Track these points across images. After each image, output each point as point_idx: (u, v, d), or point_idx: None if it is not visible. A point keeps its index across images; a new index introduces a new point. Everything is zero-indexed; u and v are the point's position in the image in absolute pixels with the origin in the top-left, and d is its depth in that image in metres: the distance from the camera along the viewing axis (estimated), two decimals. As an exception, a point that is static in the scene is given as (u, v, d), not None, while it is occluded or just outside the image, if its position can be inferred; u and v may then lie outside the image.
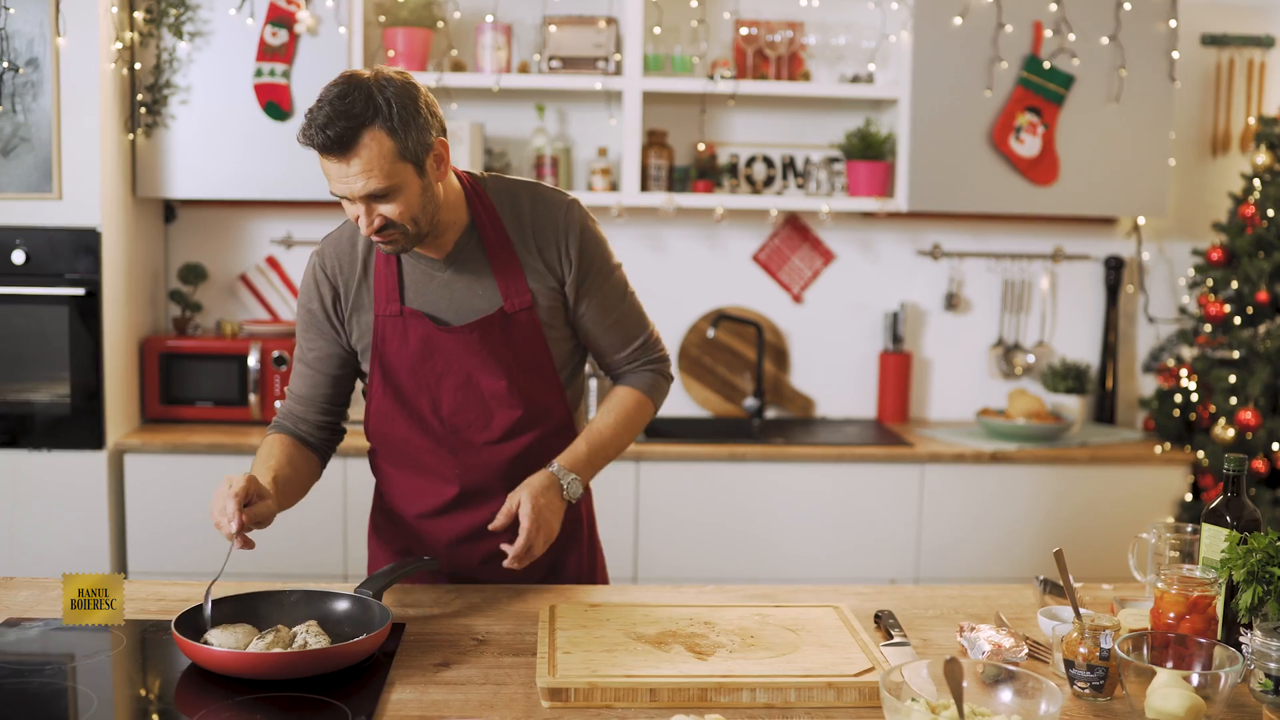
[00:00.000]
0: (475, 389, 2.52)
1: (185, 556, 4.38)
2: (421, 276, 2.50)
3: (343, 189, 2.29)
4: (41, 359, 4.31)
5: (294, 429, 2.64)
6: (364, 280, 2.52)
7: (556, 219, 2.52)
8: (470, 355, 2.49)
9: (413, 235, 2.37)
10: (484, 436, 2.55)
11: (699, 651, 2.12)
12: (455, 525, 2.61)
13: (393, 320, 2.50)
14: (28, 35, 4.15)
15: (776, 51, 4.82)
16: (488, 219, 2.50)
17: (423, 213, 2.36)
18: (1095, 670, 2.02)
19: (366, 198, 2.29)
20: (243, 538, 2.21)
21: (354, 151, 2.25)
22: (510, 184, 2.57)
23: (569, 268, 2.53)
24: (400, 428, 2.57)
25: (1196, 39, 5.07)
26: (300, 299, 2.60)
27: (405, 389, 2.53)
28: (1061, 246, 5.17)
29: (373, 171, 2.26)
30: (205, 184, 4.58)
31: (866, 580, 4.48)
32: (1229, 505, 2.23)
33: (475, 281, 2.50)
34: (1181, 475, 4.71)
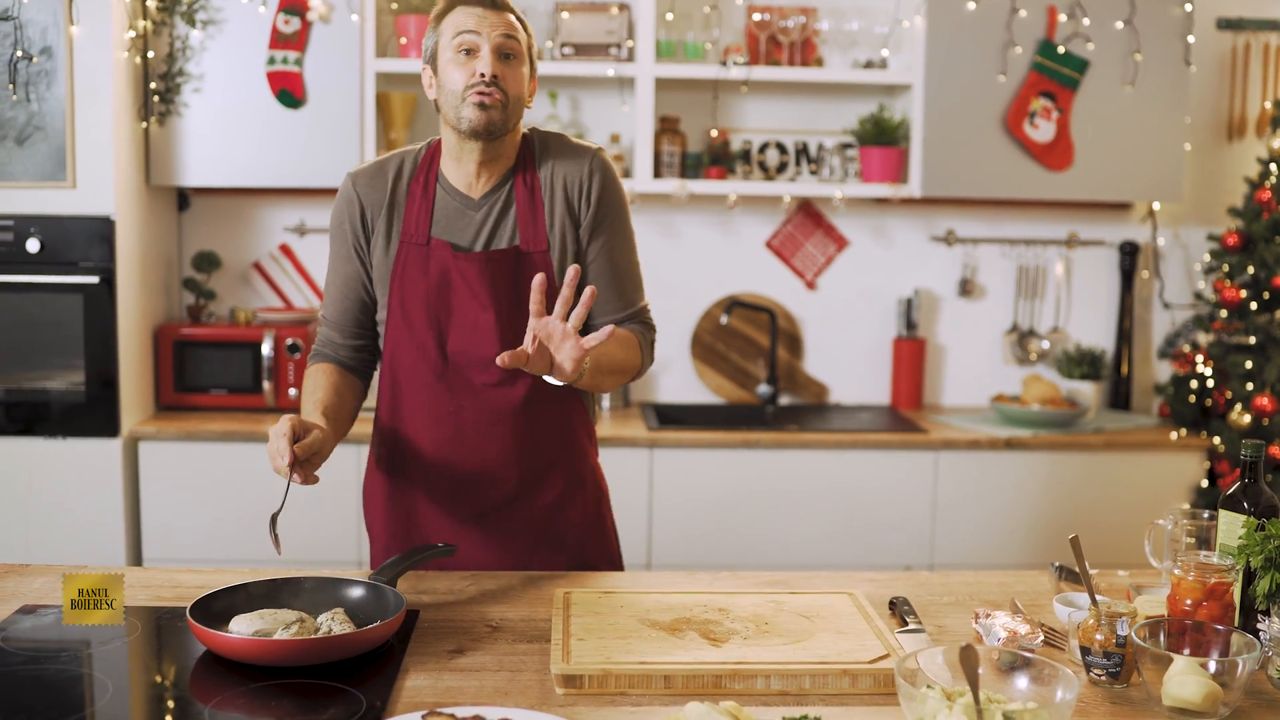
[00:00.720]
0: (482, 329, 2.57)
1: (200, 544, 4.40)
2: (454, 212, 2.61)
3: (488, 28, 2.51)
4: (56, 347, 4.32)
5: (333, 355, 2.73)
6: (390, 211, 2.63)
7: (582, 161, 2.64)
8: (481, 290, 2.56)
9: (505, 108, 2.52)
10: (484, 378, 2.60)
11: (713, 638, 2.12)
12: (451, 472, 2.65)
13: (417, 249, 2.60)
14: (41, 24, 4.16)
15: (789, 37, 4.80)
16: (525, 165, 2.63)
17: (519, 101, 2.55)
18: (1112, 657, 2.01)
19: (500, 44, 2.51)
20: (301, 471, 2.28)
21: (505, 12, 2.55)
22: (545, 133, 2.70)
23: (587, 208, 2.63)
24: (407, 360, 2.63)
25: (1212, 23, 5.04)
26: (331, 219, 2.70)
27: (416, 321, 2.60)
28: (1076, 232, 5.15)
29: (515, 31, 2.54)
30: (219, 172, 4.59)
31: (881, 567, 4.47)
32: (1246, 491, 2.22)
33: (502, 222, 2.61)
34: (1197, 461, 4.69)
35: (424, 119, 4.89)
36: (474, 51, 2.51)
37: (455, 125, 2.54)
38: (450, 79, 2.52)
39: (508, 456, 2.63)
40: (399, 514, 2.71)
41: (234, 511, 4.40)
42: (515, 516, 2.67)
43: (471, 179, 2.61)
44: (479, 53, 2.50)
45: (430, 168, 2.65)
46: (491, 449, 2.63)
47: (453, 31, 2.52)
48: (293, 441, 2.27)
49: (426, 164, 2.66)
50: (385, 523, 2.75)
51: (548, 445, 2.67)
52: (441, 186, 2.63)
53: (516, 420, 2.62)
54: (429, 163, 2.66)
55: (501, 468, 2.64)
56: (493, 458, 2.63)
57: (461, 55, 2.51)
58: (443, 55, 2.55)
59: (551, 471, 2.69)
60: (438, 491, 2.67)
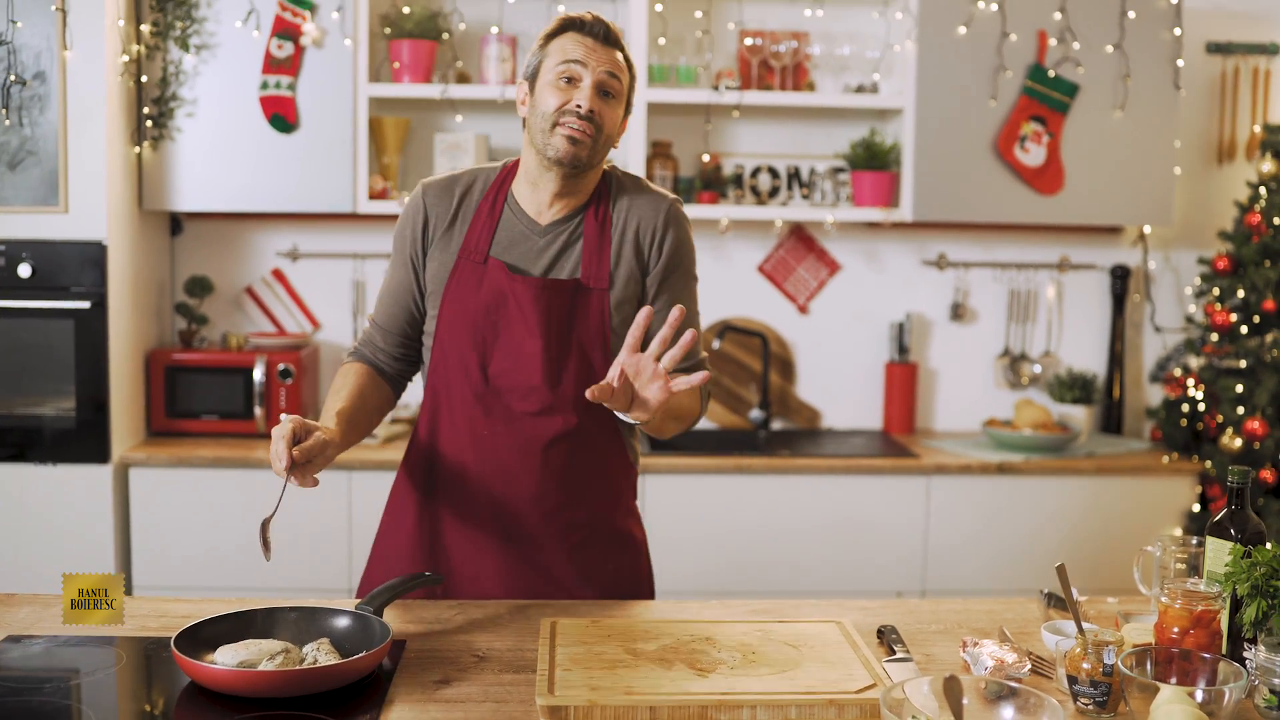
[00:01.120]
0: (527, 356, 2.55)
1: (191, 571, 4.39)
2: (518, 235, 2.60)
3: (594, 62, 2.51)
4: (47, 372, 4.32)
5: (371, 358, 2.72)
6: (453, 224, 2.62)
7: (658, 209, 2.64)
8: (533, 316, 2.54)
9: (594, 144, 2.52)
10: (522, 405, 2.57)
11: (700, 668, 2.11)
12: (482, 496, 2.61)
13: (474, 265, 2.58)
14: (35, 49, 4.17)
15: (781, 62, 4.82)
16: (601, 202, 2.63)
17: (609, 140, 2.55)
18: (1099, 686, 2.00)
19: (603, 81, 2.51)
20: (298, 474, 2.26)
21: (614, 48, 2.55)
22: (624, 174, 2.70)
23: (657, 257, 2.62)
24: (449, 377, 2.60)
25: (1201, 47, 5.07)
26: (397, 224, 2.68)
27: (461, 339, 2.57)
28: (1067, 256, 5.16)
29: (619, 70, 2.55)
30: (211, 197, 4.59)
31: (873, 593, 4.47)
32: (1233, 518, 2.22)
33: (565, 254, 2.59)
34: (1189, 485, 4.69)
35: (416, 144, 4.90)
36: (575, 81, 2.50)
37: (541, 150, 2.53)
38: (545, 102, 2.51)
39: (538, 490, 2.59)
40: (424, 532, 2.67)
41: (225, 538, 4.39)
42: (542, 550, 2.62)
43: (543, 206, 2.60)
44: (580, 84, 2.50)
45: (502, 187, 2.64)
46: (522, 480, 2.59)
47: (559, 56, 2.52)
48: (293, 444, 2.25)
49: (499, 183, 2.64)
50: (408, 539, 2.69)
51: (581, 484, 2.63)
52: (509, 207, 2.62)
53: (550, 454, 2.58)
54: (501, 182, 2.64)
55: (531, 500, 2.59)
56: (522, 489, 2.59)
57: (562, 82, 2.51)
58: (543, 77, 2.54)
59: (582, 511, 2.63)
60: (466, 513, 2.63)
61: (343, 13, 4.53)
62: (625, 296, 2.59)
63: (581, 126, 2.49)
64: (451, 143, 4.71)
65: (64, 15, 4.16)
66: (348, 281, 4.99)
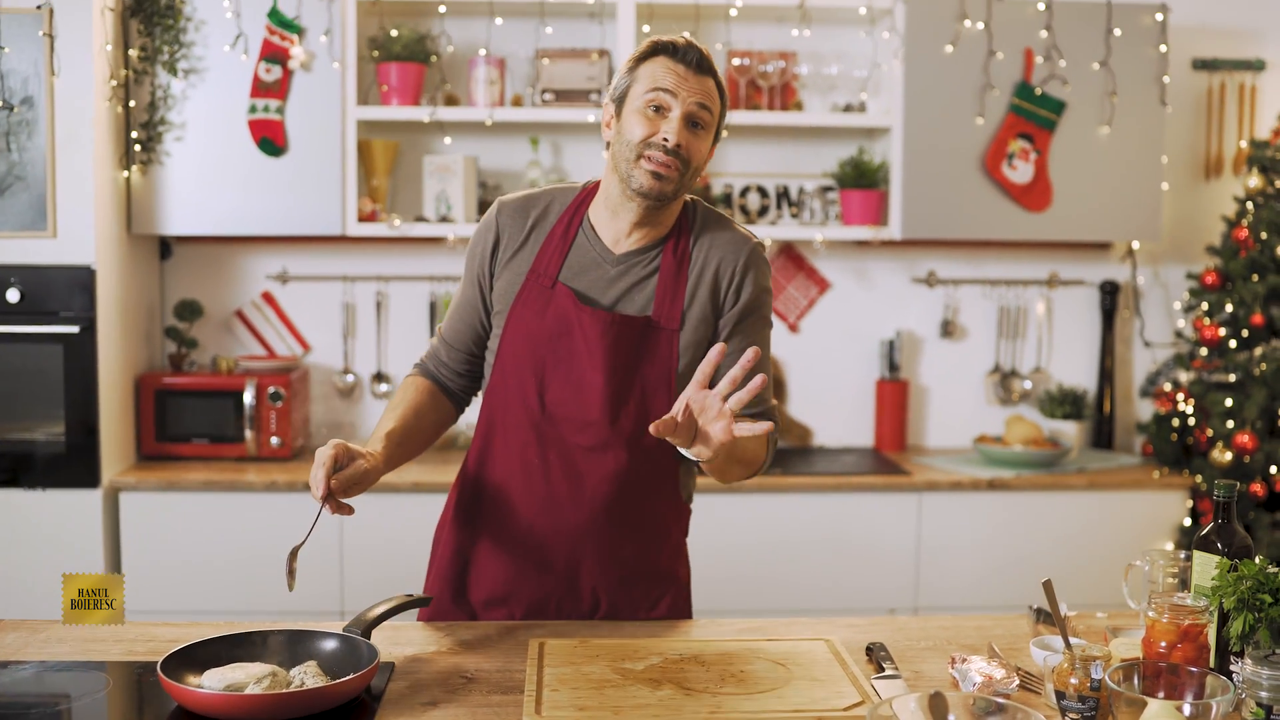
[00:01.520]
0: (587, 388, 2.48)
1: (182, 594, 4.38)
2: (589, 262, 2.53)
3: (685, 92, 2.42)
4: (37, 397, 4.31)
5: (435, 372, 2.68)
6: (523, 247, 2.55)
7: (738, 252, 2.56)
8: (598, 349, 2.47)
9: (680, 180, 2.45)
10: (578, 438, 2.50)
11: (688, 688, 2.11)
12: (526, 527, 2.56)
13: (541, 289, 2.51)
14: (22, 74, 4.17)
15: (769, 82, 4.83)
16: (679, 236, 2.55)
17: (694, 173, 2.48)
18: (1087, 701, 2.00)
19: (692, 113, 2.43)
20: (334, 503, 2.25)
21: (707, 77, 2.45)
22: (707, 209, 2.63)
23: (733, 302, 2.54)
24: (506, 401, 2.54)
25: (1187, 63, 5.09)
26: (470, 240, 2.63)
27: (521, 364, 2.51)
28: (1056, 272, 5.17)
29: (711, 100, 2.46)
30: (200, 220, 4.59)
31: (866, 610, 4.46)
32: (1220, 532, 2.22)
33: (637, 286, 2.52)
34: (1180, 500, 4.70)
35: (405, 166, 4.91)
36: (664, 111, 2.42)
37: (624, 179, 2.45)
38: (631, 130, 2.43)
39: (586, 524, 2.53)
40: (460, 553, 2.63)
41: (216, 562, 4.39)
42: (580, 581, 2.57)
43: (620, 235, 2.52)
44: (669, 114, 2.42)
45: (579, 209, 2.57)
46: (569, 512, 2.52)
47: (649, 83, 2.43)
48: (332, 471, 2.24)
49: (575, 205, 2.57)
50: (442, 560, 2.66)
51: (629, 522, 2.56)
52: (584, 231, 2.54)
53: (601, 489, 2.52)
54: (578, 204, 2.57)
55: (576, 533, 2.53)
56: (568, 520, 2.52)
57: (650, 111, 2.42)
58: (630, 102, 2.45)
59: (627, 549, 2.57)
60: (505, 538, 2.57)
61: (331, 36, 4.54)
62: (696, 339, 2.51)
63: (667, 161, 2.40)
64: (440, 165, 4.71)
65: (51, 41, 4.17)
66: (338, 304, 5.00)
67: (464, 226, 4.69)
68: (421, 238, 4.85)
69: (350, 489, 2.27)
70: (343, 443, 2.29)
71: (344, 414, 5.03)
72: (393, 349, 5.03)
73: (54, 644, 2.39)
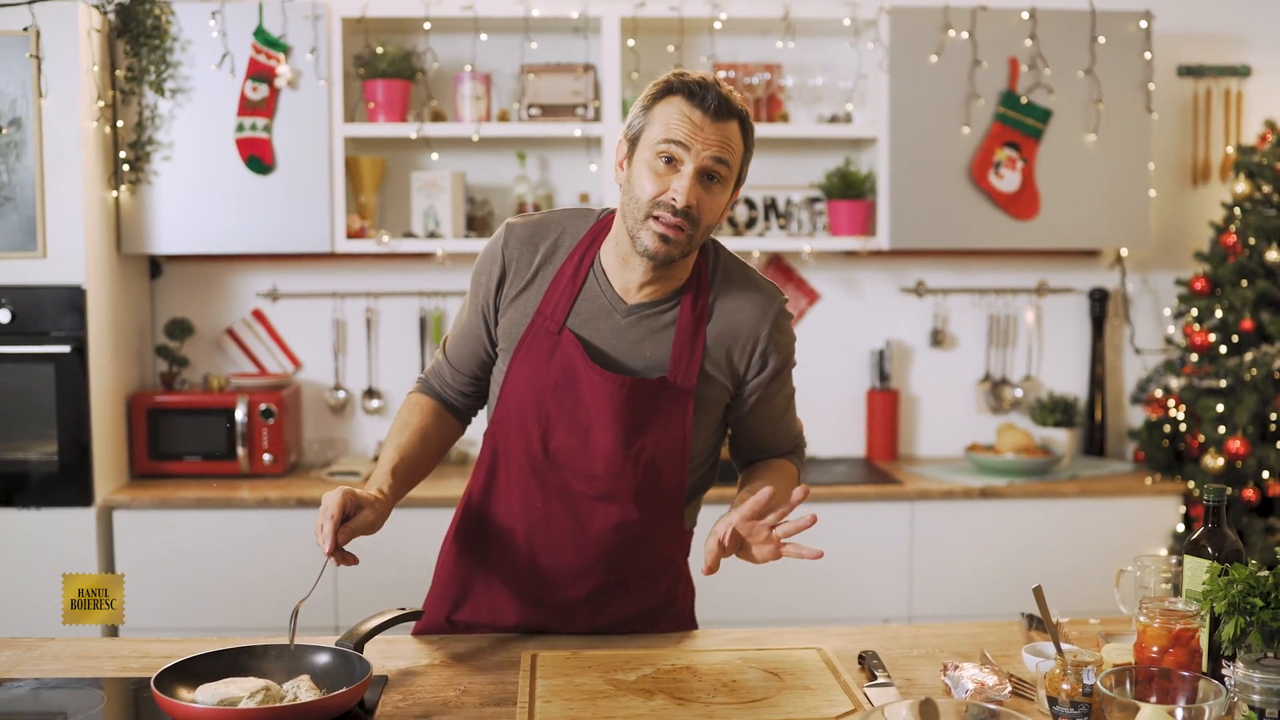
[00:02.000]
0: (595, 443, 2.40)
1: (175, 612, 4.38)
2: (598, 309, 2.40)
3: (699, 144, 2.24)
4: (29, 417, 4.31)
5: (439, 390, 2.60)
6: (530, 284, 2.43)
7: (764, 315, 2.44)
8: (605, 407, 2.37)
9: (692, 241, 2.30)
10: (582, 487, 2.44)
11: (680, 698, 2.11)
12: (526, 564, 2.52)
13: (546, 334, 2.40)
14: (10, 96, 4.18)
15: (755, 94, 4.84)
16: (698, 289, 2.42)
17: (709, 228, 2.33)
18: (1079, 707, 2.01)
19: (707, 167, 2.26)
20: (339, 555, 2.21)
21: (727, 123, 2.27)
22: (732, 260, 2.49)
23: (759, 368, 2.46)
24: (510, 441, 2.47)
25: (1173, 70, 5.10)
26: (477, 262, 2.50)
27: (525, 409, 2.42)
28: (1045, 280, 5.18)
29: (729, 150, 2.28)
30: (190, 239, 4.60)
31: (859, 620, 4.46)
32: (1210, 536, 2.23)
33: (649, 339, 2.40)
34: (1173, 506, 4.70)
35: (393, 183, 4.92)
36: (676, 164, 2.25)
37: (631, 234, 2.31)
38: (641, 185, 2.28)
39: (585, 568, 2.49)
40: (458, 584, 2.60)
41: (209, 578, 4.38)
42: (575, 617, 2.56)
43: (631, 285, 2.39)
44: (681, 168, 2.25)
45: (590, 249, 2.43)
46: (570, 557, 2.47)
47: (661, 131, 2.26)
48: (340, 523, 2.20)
49: (587, 243, 2.43)
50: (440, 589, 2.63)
51: (630, 567, 2.52)
52: (595, 275, 2.41)
53: (606, 537, 2.46)
54: (590, 242, 2.43)
55: (577, 577, 2.50)
56: (570, 565, 2.48)
57: (660, 164, 2.26)
58: (641, 151, 2.29)
59: (627, 592, 2.54)
60: (504, 574, 2.54)
61: (316, 54, 4.55)
62: (712, 398, 2.44)
63: (676, 223, 2.25)
64: (428, 180, 4.72)
65: (39, 62, 4.17)
66: (328, 321, 5.00)
67: (452, 242, 4.69)
68: (410, 254, 4.85)
69: (354, 536, 2.24)
70: (350, 490, 2.24)
71: (336, 430, 5.03)
72: (384, 365, 5.03)
73: (49, 661, 2.39)
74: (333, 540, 2.18)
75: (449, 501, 3.97)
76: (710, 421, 2.49)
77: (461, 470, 4.70)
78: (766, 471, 2.58)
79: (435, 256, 4.81)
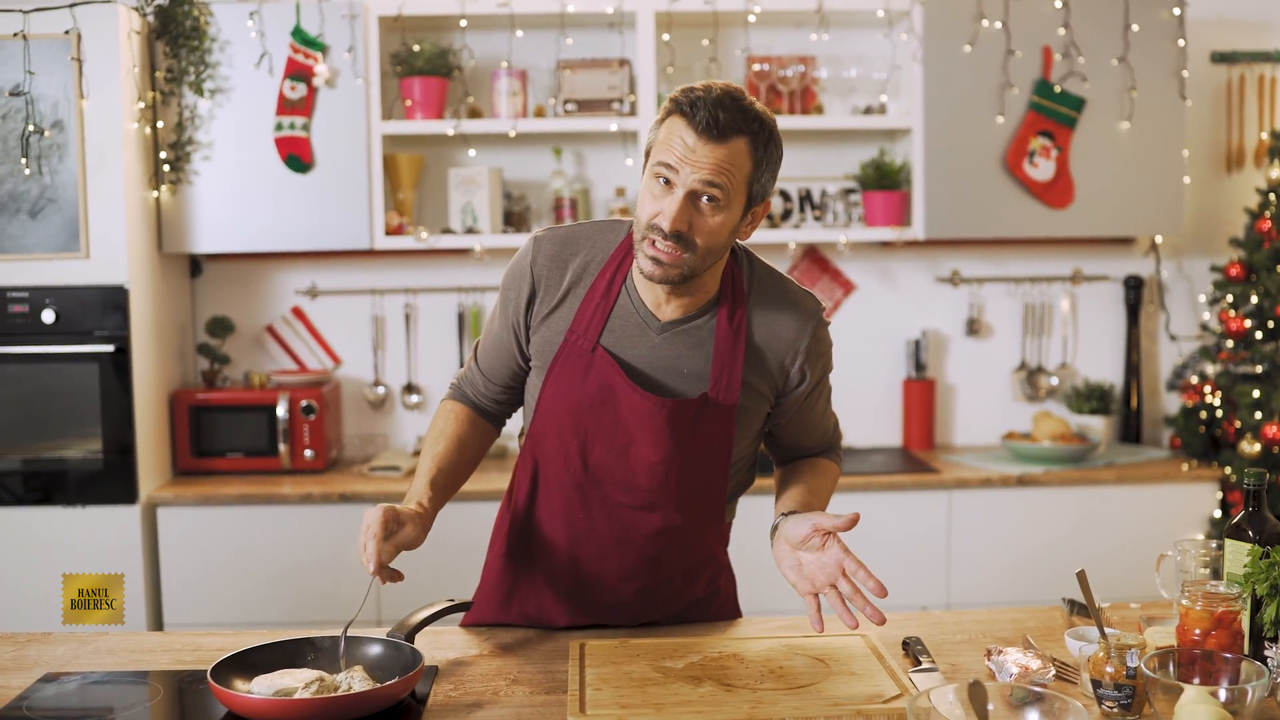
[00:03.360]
0: (633, 457, 2.40)
1: (220, 607, 4.43)
2: (632, 327, 2.38)
3: (689, 167, 2.19)
4: (73, 416, 4.37)
5: (473, 398, 2.60)
6: (562, 302, 2.40)
7: (803, 328, 2.42)
8: (646, 426, 2.37)
9: (692, 265, 2.25)
10: (623, 498, 2.44)
11: (728, 684, 2.14)
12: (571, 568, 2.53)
13: (581, 353, 2.38)
14: (52, 99, 4.23)
15: (789, 86, 4.86)
16: (734, 301, 2.39)
17: (715, 250, 2.27)
18: (1123, 689, 2.02)
19: (698, 191, 2.20)
20: (384, 573, 2.21)
21: (725, 143, 2.19)
22: (767, 272, 2.46)
23: (795, 382, 2.45)
24: (549, 455, 2.47)
25: (1206, 57, 5.09)
26: (505, 276, 2.47)
27: (563, 426, 2.42)
28: (1080, 268, 5.18)
29: (726, 171, 2.20)
30: (230, 238, 4.65)
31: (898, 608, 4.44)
32: (1250, 520, 2.24)
33: (686, 355, 2.38)
34: (1210, 492, 4.70)
35: (431, 180, 4.95)
36: (670, 186, 2.21)
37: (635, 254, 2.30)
38: (641, 204, 2.26)
39: (630, 572, 2.50)
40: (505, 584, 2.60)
41: (253, 574, 4.43)
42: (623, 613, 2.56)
43: (660, 301, 2.36)
44: (673, 192, 2.20)
45: (621, 264, 2.40)
46: (614, 563, 2.47)
47: (659, 151, 2.23)
48: (383, 540, 2.20)
49: (619, 259, 2.40)
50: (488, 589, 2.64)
51: (673, 568, 2.53)
52: (627, 291, 2.39)
53: (648, 545, 2.47)
54: (622, 257, 2.40)
55: (622, 580, 2.51)
56: (615, 569, 2.49)
57: (658, 185, 2.22)
58: (648, 168, 2.26)
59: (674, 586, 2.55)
60: (551, 576, 2.55)
61: (354, 53, 4.59)
62: (752, 409, 2.44)
63: (666, 248, 2.21)
64: (465, 177, 4.76)
65: (80, 65, 4.22)
66: (367, 317, 5.04)
67: (490, 238, 4.72)
68: (448, 249, 4.89)
69: (397, 552, 2.25)
70: (391, 507, 2.24)
71: (376, 426, 5.08)
72: (422, 360, 5.07)
73: (103, 655, 2.43)
74: (377, 559, 2.19)
75: (490, 495, 4.00)
76: (751, 430, 2.50)
77: (501, 465, 4.73)
78: (809, 473, 2.60)
79: (473, 252, 4.84)
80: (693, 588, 2.61)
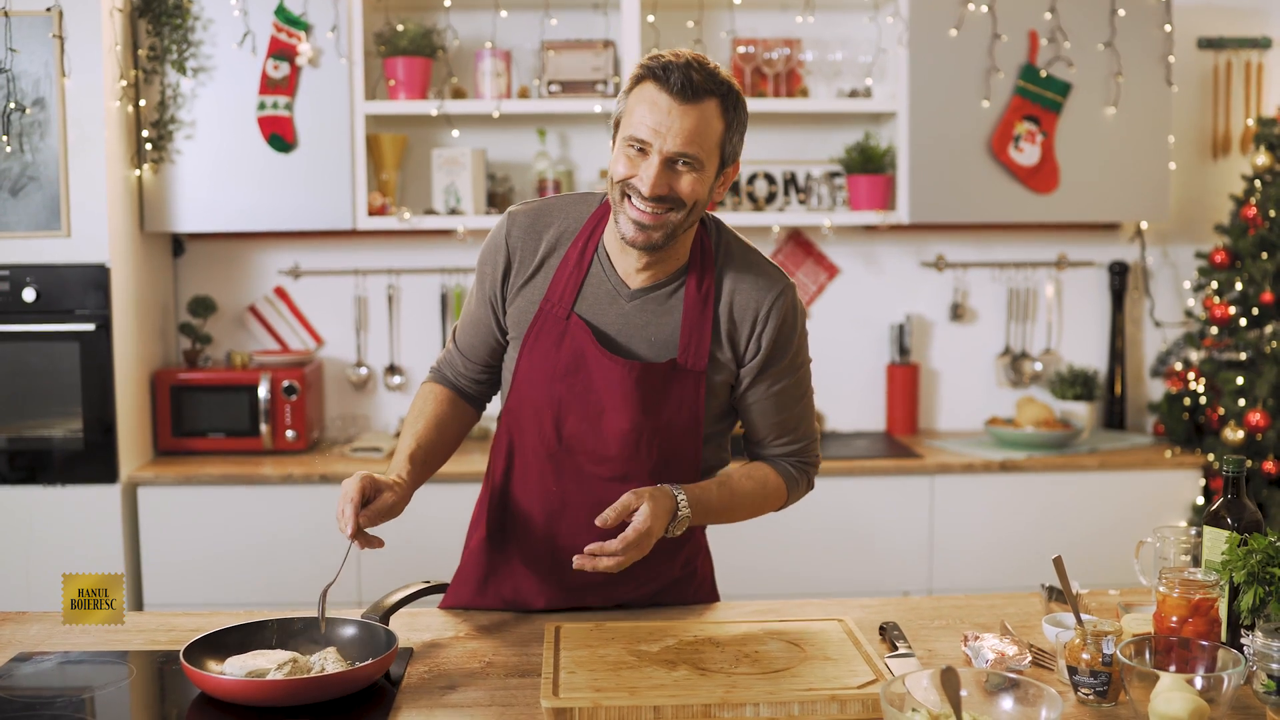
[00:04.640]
0: (608, 428, 2.42)
1: (201, 587, 4.42)
2: (604, 295, 2.42)
3: (664, 132, 2.23)
4: (54, 395, 4.35)
5: (453, 380, 2.62)
6: (537, 272, 2.44)
7: (762, 298, 2.42)
8: (617, 392, 2.39)
9: (673, 226, 2.29)
10: (596, 469, 2.45)
11: (703, 668, 2.14)
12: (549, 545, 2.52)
13: (555, 320, 2.42)
14: (34, 76, 4.20)
15: (774, 69, 4.84)
16: (702, 268, 2.42)
17: (695, 210, 2.31)
18: (1098, 676, 2.03)
19: (674, 157, 2.25)
20: (363, 538, 2.22)
21: (697, 105, 2.24)
22: (735, 243, 2.49)
23: (753, 353, 2.44)
24: (524, 426, 2.48)
25: (1193, 42, 5.09)
26: (481, 254, 2.51)
27: (538, 395, 2.44)
28: (1065, 253, 5.18)
29: (700, 134, 2.25)
30: (212, 217, 4.62)
31: (880, 593, 4.48)
32: (1229, 507, 2.24)
33: (655, 322, 2.41)
34: (1193, 479, 4.70)
35: (414, 160, 4.93)
36: (645, 152, 2.26)
37: (615, 219, 2.34)
38: (615, 164, 2.30)
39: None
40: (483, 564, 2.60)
41: (234, 554, 4.42)
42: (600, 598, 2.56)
43: (631, 270, 2.40)
44: (649, 158, 2.25)
45: (593, 234, 2.44)
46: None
47: (632, 117, 2.27)
48: (360, 506, 2.21)
49: (590, 228, 2.44)
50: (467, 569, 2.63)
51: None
52: (599, 259, 2.43)
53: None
54: (593, 229, 2.44)
55: None
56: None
57: (633, 150, 2.27)
58: (620, 134, 2.30)
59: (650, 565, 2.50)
60: (528, 556, 2.54)
61: (337, 32, 4.56)
62: (719, 380, 2.44)
63: (649, 208, 2.26)
64: (449, 158, 4.74)
65: (61, 42, 4.19)
66: (350, 298, 5.02)
67: (473, 219, 4.71)
68: (431, 230, 4.88)
69: (376, 520, 2.25)
70: (369, 475, 2.25)
71: (358, 407, 5.06)
72: (405, 341, 5.06)
73: (77, 635, 2.42)
74: (354, 523, 2.19)
75: (469, 477, 4.00)
76: (718, 405, 2.49)
77: (482, 446, 4.72)
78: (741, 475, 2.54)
79: (456, 233, 4.83)
80: (669, 565, 2.60)
